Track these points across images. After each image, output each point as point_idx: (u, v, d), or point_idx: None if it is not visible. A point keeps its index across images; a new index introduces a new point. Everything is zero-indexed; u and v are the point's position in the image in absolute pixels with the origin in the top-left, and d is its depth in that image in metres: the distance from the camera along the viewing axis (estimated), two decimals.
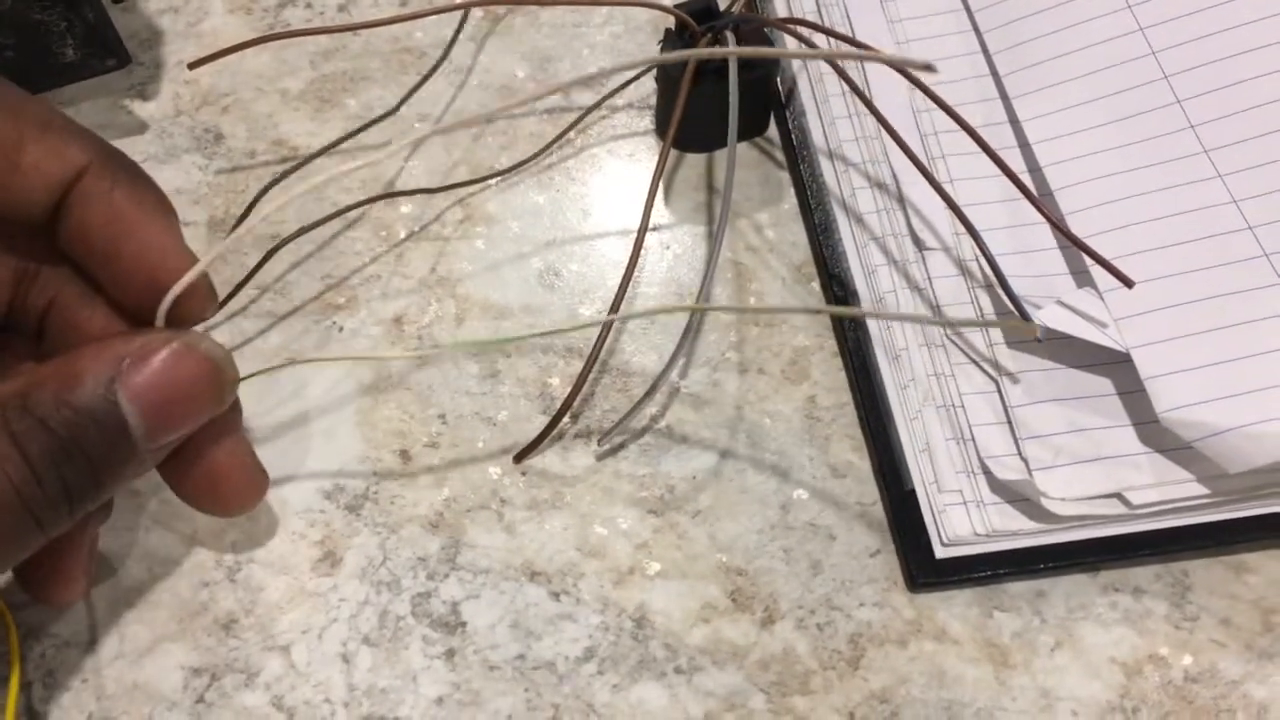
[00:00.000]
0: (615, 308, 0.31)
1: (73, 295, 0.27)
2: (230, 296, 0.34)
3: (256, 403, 0.32)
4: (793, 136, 0.37)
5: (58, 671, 0.29)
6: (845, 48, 0.34)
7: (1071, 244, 0.30)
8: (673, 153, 0.37)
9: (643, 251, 0.35)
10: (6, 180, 0.24)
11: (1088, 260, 0.30)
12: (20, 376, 0.23)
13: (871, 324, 0.33)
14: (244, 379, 0.27)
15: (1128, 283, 0.29)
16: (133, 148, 0.37)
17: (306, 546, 0.30)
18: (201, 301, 0.26)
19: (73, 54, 0.35)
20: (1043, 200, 0.32)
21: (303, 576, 0.30)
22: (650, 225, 0.35)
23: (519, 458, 0.32)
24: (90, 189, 0.24)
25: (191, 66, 0.33)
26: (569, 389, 0.31)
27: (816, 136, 0.36)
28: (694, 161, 0.37)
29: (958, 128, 0.32)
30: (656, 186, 0.32)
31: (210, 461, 0.26)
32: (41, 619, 0.29)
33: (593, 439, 0.32)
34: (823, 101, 0.36)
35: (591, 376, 0.33)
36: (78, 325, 0.27)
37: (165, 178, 0.36)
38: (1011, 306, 0.30)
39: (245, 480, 0.28)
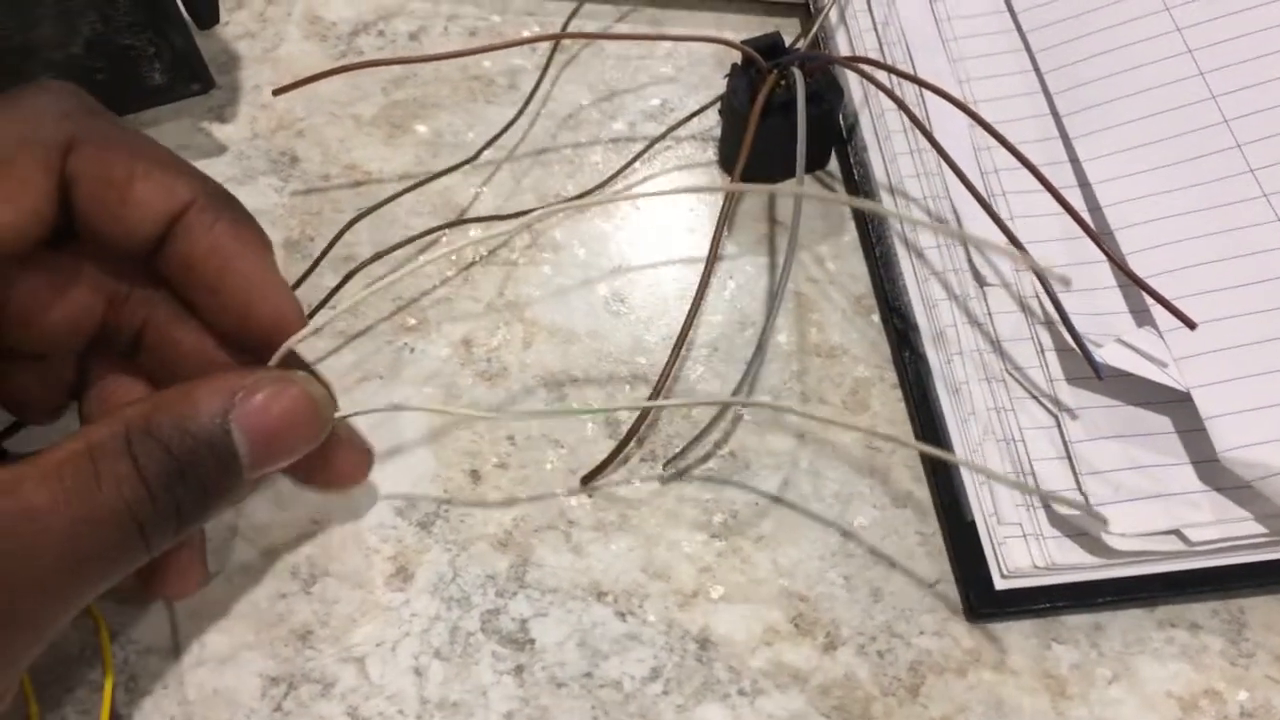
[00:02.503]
0: (681, 342, 0.32)
1: (167, 315, 0.28)
2: (310, 316, 0.35)
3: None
4: (854, 171, 0.38)
5: (140, 676, 0.30)
6: (983, 234, 0.34)
7: (1132, 283, 0.31)
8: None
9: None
10: (118, 212, 0.25)
11: (1148, 300, 0.31)
12: (143, 401, 0.24)
13: (932, 358, 0.33)
14: (347, 416, 0.28)
15: (1190, 324, 0.30)
16: (211, 169, 0.38)
17: (380, 561, 0.31)
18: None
19: (160, 78, 0.36)
20: (1104, 239, 0.33)
21: (376, 591, 0.31)
22: (717, 256, 0.36)
23: (586, 480, 0.32)
24: (194, 223, 0.26)
25: (276, 93, 0.35)
26: (635, 414, 0.32)
27: (878, 171, 0.37)
28: (756, 195, 0.38)
29: (1018, 165, 0.32)
30: (725, 219, 0.32)
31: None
32: (124, 623, 0.30)
33: (658, 463, 0.33)
34: (884, 137, 0.37)
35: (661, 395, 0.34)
36: (173, 343, 0.28)
37: (242, 199, 0.36)
38: (1073, 344, 0.31)
39: (353, 455, 0.29)
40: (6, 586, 0.21)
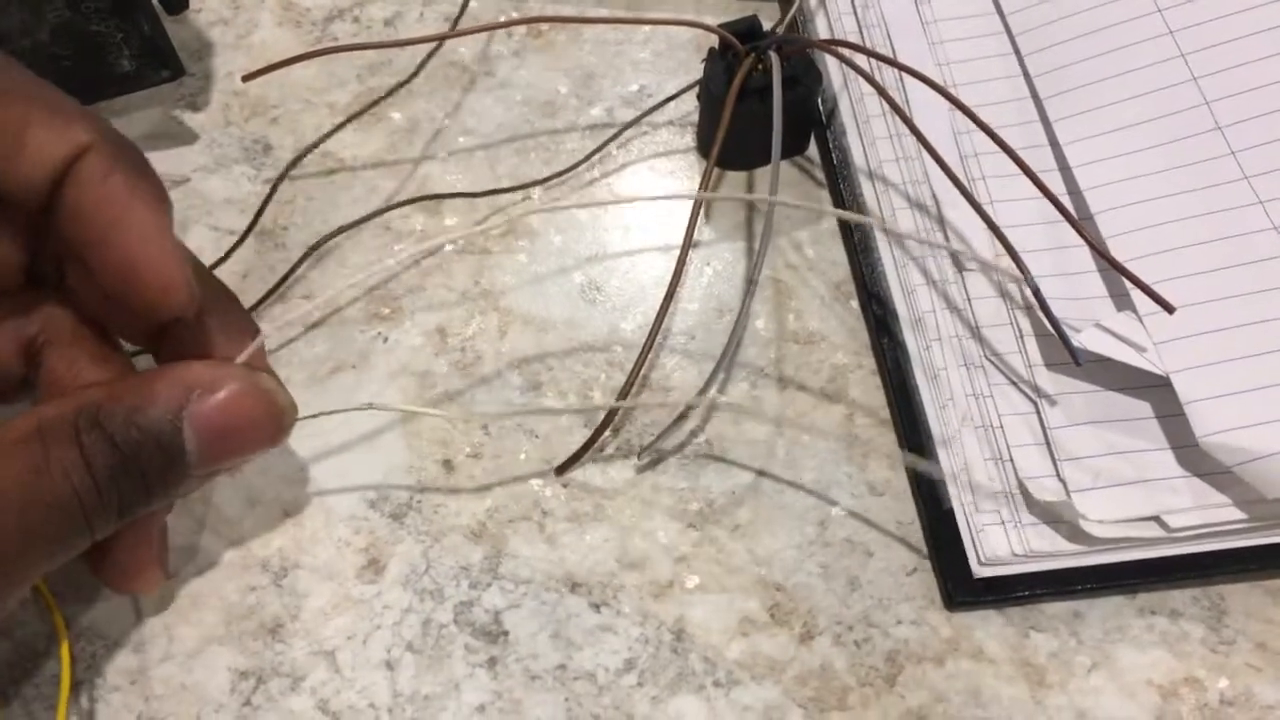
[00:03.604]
0: (656, 328, 0.32)
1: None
2: (271, 293, 0.34)
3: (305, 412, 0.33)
4: (833, 156, 0.37)
5: (108, 671, 0.29)
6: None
7: (1112, 268, 0.31)
8: (716, 170, 0.38)
9: (684, 268, 0.36)
10: (12, 161, 0.23)
11: (1127, 284, 0.31)
12: (100, 387, 0.24)
13: (911, 344, 0.33)
14: (317, 416, 0.29)
15: (1168, 308, 0.29)
16: (183, 158, 0.38)
17: (351, 554, 0.31)
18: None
19: (128, 65, 0.36)
20: (1083, 224, 0.33)
21: (347, 583, 0.31)
22: (693, 242, 0.35)
23: (561, 469, 0.32)
24: (88, 171, 0.24)
25: (245, 79, 0.34)
26: (608, 398, 0.32)
27: (857, 156, 0.36)
28: (734, 179, 0.38)
29: (998, 149, 0.32)
30: (700, 204, 0.32)
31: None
32: (92, 620, 0.30)
33: (634, 453, 0.32)
34: (863, 122, 0.37)
35: (640, 393, 0.33)
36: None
37: (215, 187, 0.37)
38: (1051, 329, 0.30)
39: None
40: None
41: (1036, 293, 0.30)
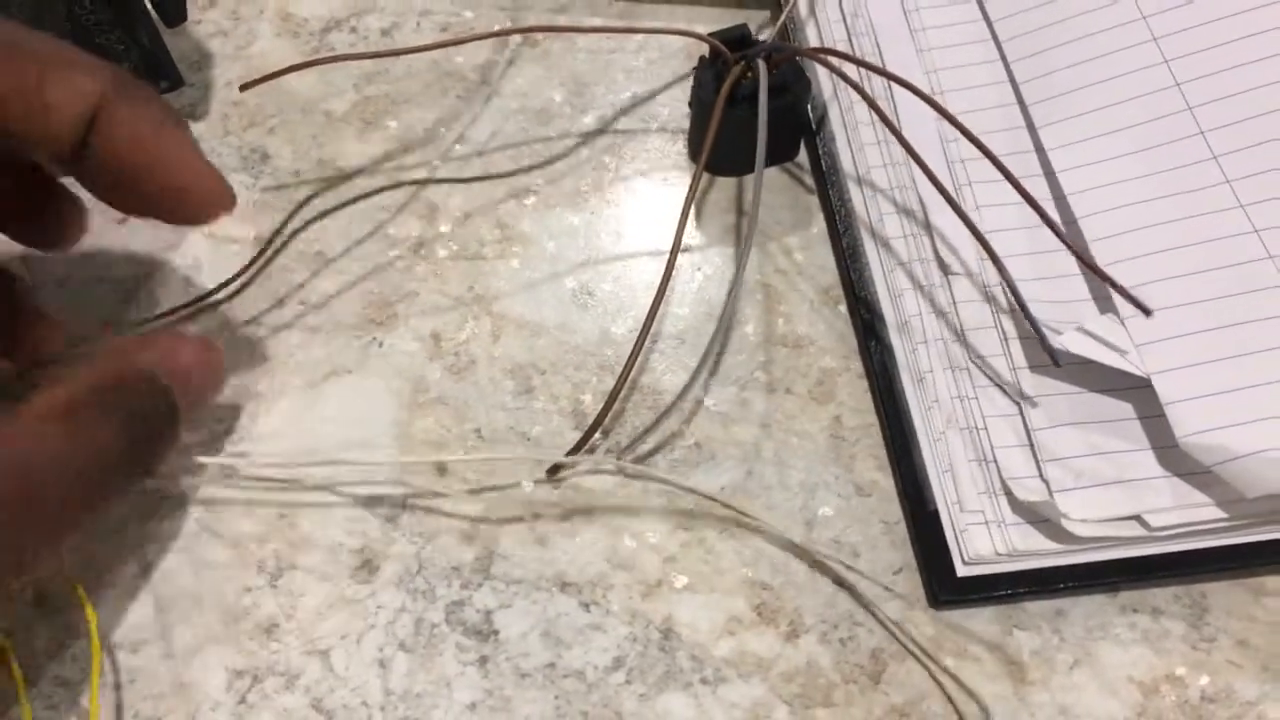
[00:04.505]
0: (646, 329, 0.32)
1: None
2: (258, 259, 0.36)
3: (299, 416, 0.33)
4: (822, 162, 0.38)
5: (104, 670, 0.30)
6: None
7: (1100, 273, 0.31)
8: (706, 176, 0.38)
9: (675, 273, 0.36)
10: (39, 123, 0.25)
11: (1108, 286, 0.31)
12: (101, 364, 0.27)
13: (898, 347, 0.33)
14: None
15: (1145, 311, 0.30)
16: None
17: (345, 554, 0.32)
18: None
19: None
20: (1067, 227, 0.33)
21: (342, 583, 0.31)
22: (682, 247, 0.36)
23: (552, 472, 0.32)
24: (110, 118, 0.26)
25: (243, 88, 0.35)
26: (601, 405, 0.32)
27: (845, 162, 0.37)
28: (725, 185, 0.38)
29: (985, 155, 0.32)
30: (689, 209, 0.32)
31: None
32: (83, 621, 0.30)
33: (625, 455, 0.33)
34: (852, 129, 0.37)
35: (627, 395, 0.34)
36: None
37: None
38: (1032, 331, 0.31)
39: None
40: (24, 522, 0.23)
41: (1016, 296, 0.31)
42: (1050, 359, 0.30)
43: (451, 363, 0.35)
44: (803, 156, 0.39)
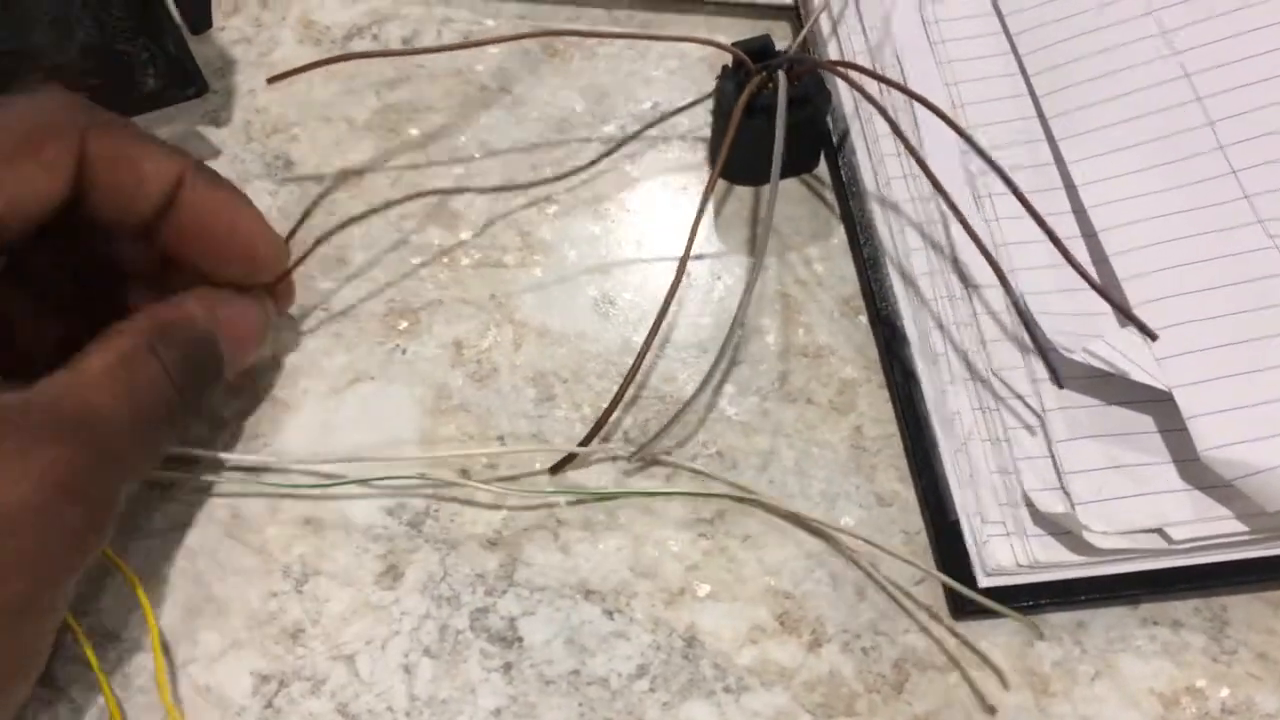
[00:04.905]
0: (652, 336, 0.32)
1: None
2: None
3: (323, 422, 0.34)
4: (842, 173, 0.38)
5: (132, 673, 0.30)
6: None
7: (1109, 285, 0.31)
8: (726, 185, 0.39)
9: (693, 281, 0.36)
10: (132, 187, 0.28)
11: (1130, 299, 0.31)
12: (145, 315, 0.28)
13: (918, 358, 0.34)
14: None
15: (1151, 335, 0.30)
16: None
17: (370, 560, 0.32)
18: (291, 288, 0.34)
19: (154, 83, 0.36)
20: (1087, 240, 0.34)
21: (366, 589, 0.31)
22: (701, 255, 0.36)
23: (555, 470, 0.33)
24: (193, 190, 0.29)
25: (270, 81, 0.35)
26: (624, 415, 0.32)
27: (865, 174, 0.37)
28: (745, 195, 0.38)
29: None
30: (701, 215, 0.33)
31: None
32: (115, 624, 0.31)
33: (652, 467, 0.33)
34: (872, 140, 0.37)
35: (649, 404, 0.34)
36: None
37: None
38: (1036, 350, 0.31)
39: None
40: (92, 473, 0.25)
41: (1023, 313, 0.31)
42: (1055, 379, 0.31)
43: (474, 370, 0.35)
44: (823, 168, 0.39)
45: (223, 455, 0.33)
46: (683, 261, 0.32)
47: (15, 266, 0.29)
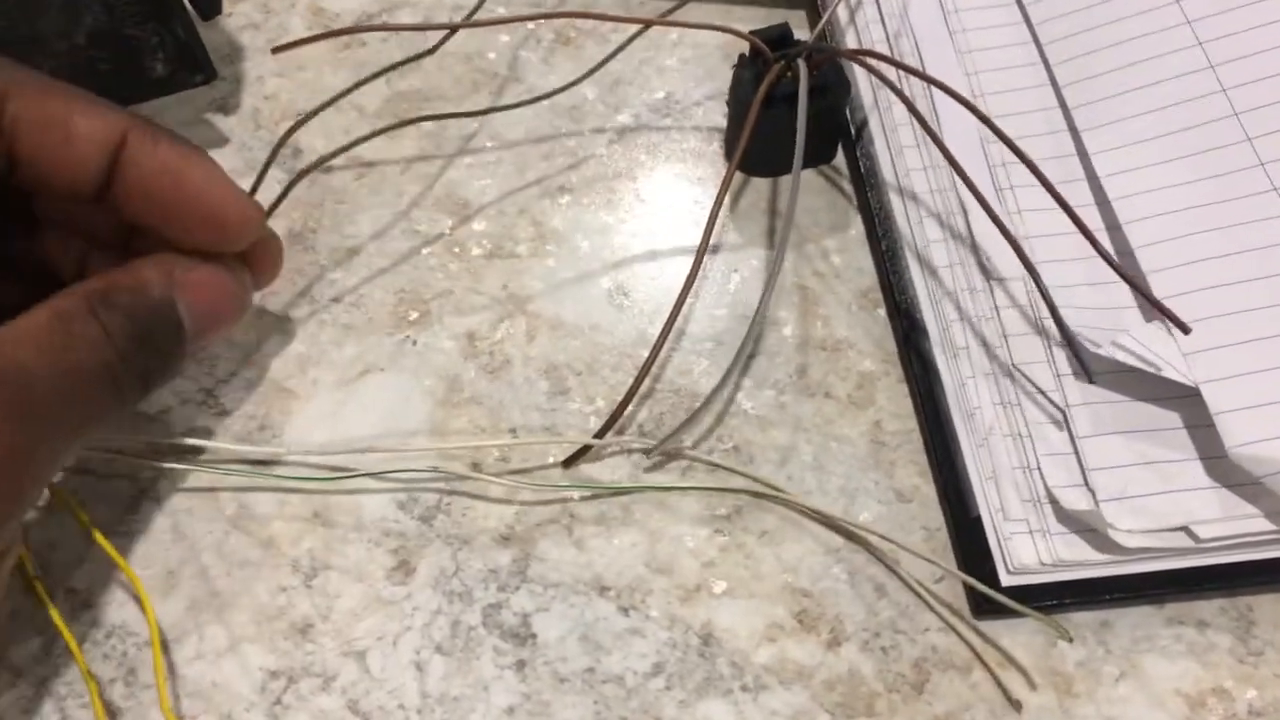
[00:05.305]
0: (667, 329, 0.32)
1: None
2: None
3: (332, 414, 0.33)
4: (861, 164, 0.37)
5: (139, 669, 0.29)
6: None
7: (1137, 279, 0.31)
8: (742, 177, 0.38)
9: (708, 273, 0.36)
10: (63, 150, 0.26)
11: (1156, 293, 0.31)
12: (95, 278, 0.26)
13: (938, 352, 0.33)
14: None
15: (1184, 329, 0.29)
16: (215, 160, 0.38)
17: (381, 555, 0.31)
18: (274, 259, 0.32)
19: (162, 69, 0.36)
20: (1111, 233, 0.33)
21: (377, 585, 0.31)
22: (716, 247, 0.36)
23: (568, 463, 0.32)
24: (137, 149, 0.27)
25: (275, 51, 0.34)
26: (638, 409, 0.32)
27: (884, 164, 0.37)
28: (761, 186, 0.38)
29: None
30: (719, 208, 0.32)
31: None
32: (124, 619, 0.30)
33: (669, 462, 0.33)
34: (891, 130, 0.37)
35: (664, 397, 0.33)
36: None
37: (245, 189, 0.37)
38: (1065, 344, 0.30)
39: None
40: (9, 431, 0.23)
41: (1051, 308, 0.30)
42: (1084, 371, 0.30)
43: (486, 362, 0.34)
44: (841, 159, 0.39)
45: (230, 446, 0.32)
46: (699, 254, 0.32)
47: None
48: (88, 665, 0.29)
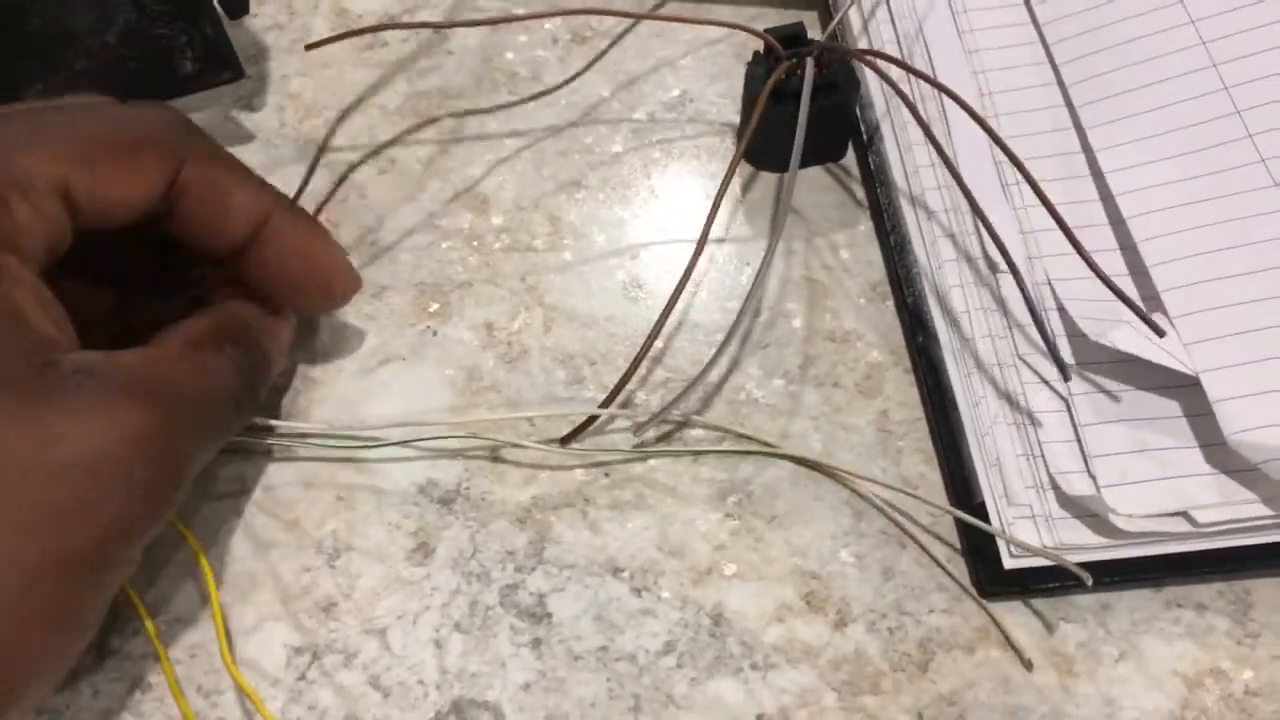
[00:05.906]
0: (665, 316, 0.33)
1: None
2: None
3: (354, 402, 0.34)
4: (870, 160, 0.38)
5: (169, 645, 0.31)
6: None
7: (1132, 274, 0.32)
8: (754, 172, 0.39)
9: (720, 266, 0.37)
10: (219, 218, 0.29)
11: (1158, 285, 0.32)
12: (212, 312, 0.30)
13: (945, 343, 0.34)
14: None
15: (1159, 332, 0.30)
16: (240, 157, 0.38)
17: (401, 537, 0.32)
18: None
19: (190, 67, 0.37)
20: (1115, 228, 0.34)
21: (398, 565, 0.32)
22: (727, 240, 0.37)
23: (565, 441, 0.33)
24: (278, 227, 0.30)
25: (309, 48, 0.35)
26: (653, 397, 0.33)
27: (893, 160, 0.37)
28: (774, 181, 0.39)
29: (1031, 156, 0.33)
30: (723, 194, 0.33)
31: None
32: (155, 597, 0.31)
33: (674, 445, 0.34)
34: (899, 127, 0.38)
35: (676, 387, 0.34)
36: None
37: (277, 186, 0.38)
38: (1044, 345, 0.31)
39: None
40: (168, 438, 0.26)
41: (1030, 305, 0.31)
42: (1060, 371, 0.31)
43: (504, 352, 0.35)
44: (851, 157, 0.39)
45: (257, 421, 0.33)
46: (702, 238, 0.33)
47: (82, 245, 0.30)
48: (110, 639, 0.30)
